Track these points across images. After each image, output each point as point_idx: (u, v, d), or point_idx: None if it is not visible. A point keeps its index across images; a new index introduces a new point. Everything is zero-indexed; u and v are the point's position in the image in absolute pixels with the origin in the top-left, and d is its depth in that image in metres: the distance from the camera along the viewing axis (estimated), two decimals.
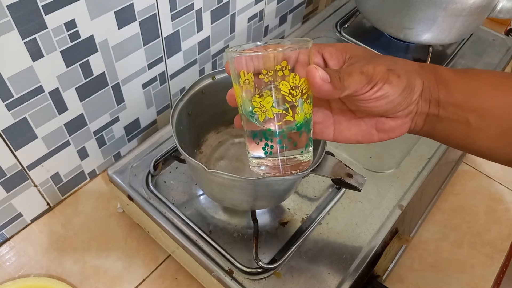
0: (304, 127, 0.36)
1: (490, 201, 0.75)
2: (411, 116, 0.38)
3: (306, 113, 0.36)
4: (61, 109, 0.56)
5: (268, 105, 0.35)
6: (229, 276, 0.51)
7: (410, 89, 0.36)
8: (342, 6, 0.90)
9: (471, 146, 0.39)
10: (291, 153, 0.37)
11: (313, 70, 0.33)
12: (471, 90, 0.37)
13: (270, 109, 0.35)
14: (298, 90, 0.34)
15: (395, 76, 0.35)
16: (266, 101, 0.34)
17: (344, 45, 0.38)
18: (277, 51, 0.34)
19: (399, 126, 0.38)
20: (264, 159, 0.37)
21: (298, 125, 0.36)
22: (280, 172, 0.37)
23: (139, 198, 0.57)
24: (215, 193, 0.53)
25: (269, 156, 0.37)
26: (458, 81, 0.37)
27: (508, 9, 0.73)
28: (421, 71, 0.37)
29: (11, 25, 0.44)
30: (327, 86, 0.33)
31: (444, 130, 0.38)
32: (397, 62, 0.37)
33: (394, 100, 0.35)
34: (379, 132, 0.39)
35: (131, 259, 0.61)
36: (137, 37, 0.58)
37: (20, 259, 0.61)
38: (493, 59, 0.83)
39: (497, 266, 0.67)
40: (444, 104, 0.37)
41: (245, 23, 0.77)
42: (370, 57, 0.36)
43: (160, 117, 0.74)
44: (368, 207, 0.59)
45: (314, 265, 0.53)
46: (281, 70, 0.34)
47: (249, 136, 0.37)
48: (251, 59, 0.34)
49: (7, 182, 0.56)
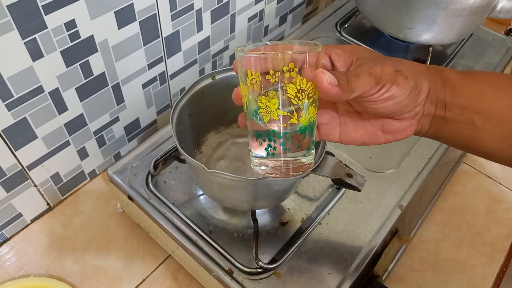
0: (308, 130, 0.36)
1: (490, 201, 0.75)
2: (417, 118, 0.38)
3: (310, 117, 0.36)
4: (61, 109, 0.56)
5: (274, 107, 0.35)
6: (229, 276, 0.51)
7: (417, 90, 0.36)
8: (342, 6, 0.90)
9: (477, 147, 0.39)
10: (294, 155, 0.37)
11: (320, 74, 0.33)
12: (477, 92, 0.37)
13: (276, 110, 0.35)
14: (304, 94, 0.34)
15: (403, 78, 0.35)
16: (272, 102, 0.35)
17: (351, 47, 0.38)
18: (286, 53, 0.34)
19: (405, 128, 0.38)
20: (266, 159, 0.37)
21: (302, 128, 0.36)
22: (281, 173, 0.37)
23: (139, 198, 0.57)
24: (215, 193, 0.53)
25: (271, 157, 0.37)
26: (464, 83, 0.38)
27: (508, 9, 0.73)
28: (428, 72, 0.37)
29: (11, 25, 0.44)
30: (334, 90, 0.33)
31: (450, 131, 0.39)
32: (404, 63, 0.37)
33: (401, 101, 0.35)
34: (385, 133, 0.39)
35: (131, 259, 0.61)
36: (137, 37, 0.58)
37: (20, 259, 0.61)
38: (493, 59, 0.83)
39: (497, 266, 0.67)
40: (450, 106, 0.37)
41: (245, 23, 0.77)
42: (377, 59, 0.36)
43: (160, 117, 0.74)
44: (368, 207, 0.59)
45: (314, 265, 0.53)
46: (288, 72, 0.34)
47: (252, 135, 0.37)
48: (259, 59, 0.34)
49: (7, 182, 0.56)
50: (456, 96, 0.37)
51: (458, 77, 0.38)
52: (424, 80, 0.37)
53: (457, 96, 0.37)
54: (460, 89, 0.37)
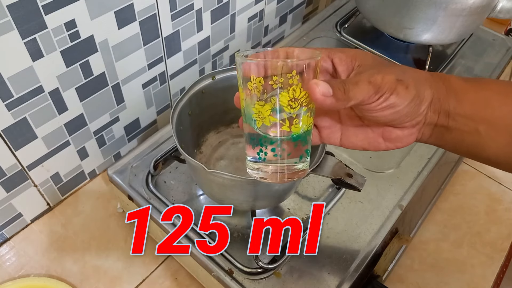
0: (300, 139, 0.37)
1: (490, 201, 0.75)
2: (418, 127, 0.38)
3: (304, 125, 0.36)
4: (61, 109, 0.56)
5: (266, 113, 0.35)
6: (229, 276, 0.51)
7: (418, 100, 0.35)
8: (342, 6, 0.90)
9: (480, 154, 0.39)
10: (284, 161, 0.37)
11: (313, 86, 0.33)
12: (481, 100, 0.37)
13: (268, 117, 0.35)
14: (297, 103, 0.35)
15: (403, 87, 0.35)
16: (264, 108, 0.35)
17: (355, 51, 0.38)
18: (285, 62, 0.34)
19: (406, 136, 0.38)
20: (259, 163, 0.38)
21: (294, 136, 0.36)
22: (273, 179, 0.38)
23: (139, 198, 0.57)
24: (215, 193, 0.53)
25: (263, 162, 0.37)
26: (468, 90, 0.37)
27: (508, 9, 0.73)
28: (432, 80, 0.37)
29: (11, 25, 0.44)
30: (328, 101, 0.33)
31: (453, 140, 0.38)
32: (407, 71, 0.36)
33: (401, 111, 0.35)
34: (386, 141, 0.39)
35: (131, 259, 0.61)
36: (137, 37, 0.58)
37: (20, 259, 0.61)
38: (493, 59, 0.83)
39: (497, 266, 0.67)
40: (454, 115, 0.37)
41: (245, 23, 0.77)
42: (379, 66, 0.36)
43: (160, 117, 0.74)
44: (368, 207, 0.59)
45: (314, 265, 0.53)
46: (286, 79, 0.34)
47: (247, 139, 0.38)
48: (256, 66, 0.34)
49: (7, 182, 0.56)
50: (460, 104, 0.37)
51: (462, 84, 0.38)
52: (427, 89, 0.36)
53: (461, 105, 0.37)
54: (463, 96, 0.37)
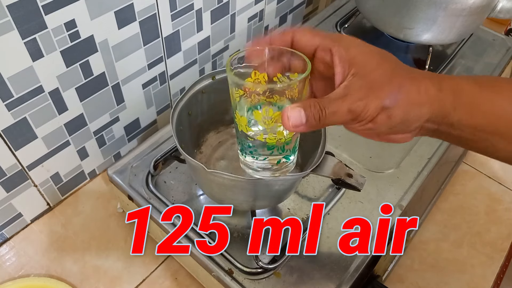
0: (276, 149, 0.38)
1: (490, 201, 0.75)
2: (414, 133, 0.36)
3: (280, 138, 0.37)
4: (61, 109, 0.56)
5: (244, 123, 0.37)
6: (229, 276, 0.51)
7: (407, 123, 0.34)
8: (342, 6, 0.90)
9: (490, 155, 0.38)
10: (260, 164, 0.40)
11: (284, 116, 0.33)
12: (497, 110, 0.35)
13: (245, 126, 0.37)
14: (271, 120, 0.36)
15: (385, 116, 0.33)
16: (242, 119, 0.37)
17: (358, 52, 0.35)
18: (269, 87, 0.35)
19: (400, 138, 0.37)
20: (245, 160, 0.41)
21: (268, 146, 0.38)
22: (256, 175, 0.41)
23: (139, 198, 0.57)
24: (215, 193, 0.53)
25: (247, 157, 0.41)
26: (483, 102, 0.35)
27: (508, 9, 0.73)
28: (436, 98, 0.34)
29: (11, 25, 0.44)
30: (300, 128, 0.33)
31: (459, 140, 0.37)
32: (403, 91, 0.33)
33: (380, 133, 0.35)
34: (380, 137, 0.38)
35: (131, 259, 0.61)
36: (137, 37, 0.58)
37: (20, 259, 0.61)
38: (493, 59, 0.83)
39: (497, 266, 0.67)
40: (459, 126, 0.35)
41: (245, 23, 0.77)
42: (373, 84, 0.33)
43: (160, 117, 0.74)
44: (368, 207, 0.59)
45: (314, 265, 0.53)
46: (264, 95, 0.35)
47: (236, 137, 0.41)
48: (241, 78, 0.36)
49: (7, 182, 0.56)
50: (470, 117, 0.35)
51: (476, 95, 0.35)
52: (424, 109, 0.34)
53: (471, 117, 0.35)
54: (477, 109, 0.35)
